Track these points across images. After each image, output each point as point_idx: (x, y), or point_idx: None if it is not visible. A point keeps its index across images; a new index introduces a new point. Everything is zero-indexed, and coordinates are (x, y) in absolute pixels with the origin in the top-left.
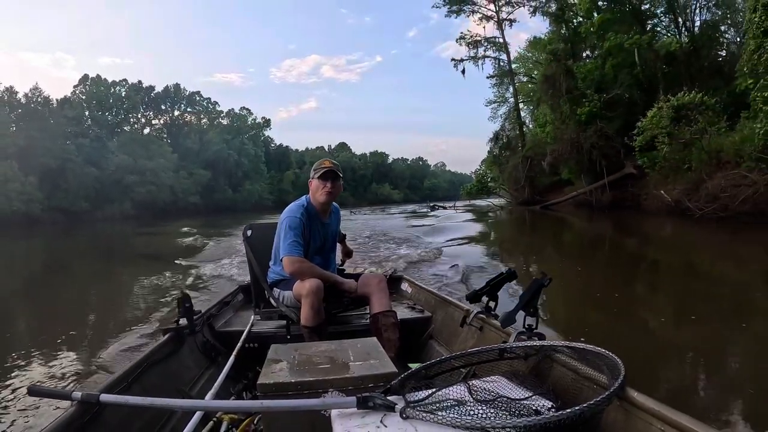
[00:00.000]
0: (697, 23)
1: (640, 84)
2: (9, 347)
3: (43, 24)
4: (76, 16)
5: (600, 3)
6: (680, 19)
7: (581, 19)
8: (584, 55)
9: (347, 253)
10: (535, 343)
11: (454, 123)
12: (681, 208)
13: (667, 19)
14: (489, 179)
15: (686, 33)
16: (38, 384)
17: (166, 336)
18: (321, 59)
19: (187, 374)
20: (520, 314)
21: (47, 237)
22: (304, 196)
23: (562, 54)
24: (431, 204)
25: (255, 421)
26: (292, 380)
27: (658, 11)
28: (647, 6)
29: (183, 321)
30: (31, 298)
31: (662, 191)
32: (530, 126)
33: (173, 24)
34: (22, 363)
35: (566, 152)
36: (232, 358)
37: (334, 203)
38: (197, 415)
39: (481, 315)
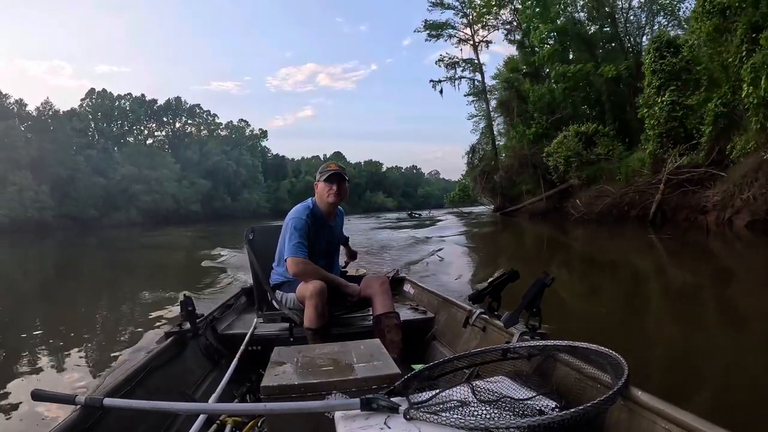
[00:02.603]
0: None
1: (600, 103)
2: (14, 350)
3: (41, 32)
4: (73, 24)
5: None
6: (627, 43)
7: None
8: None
9: (351, 256)
10: (538, 343)
11: (449, 131)
12: (589, 212)
13: (615, 45)
14: (471, 189)
15: (632, 56)
16: (42, 388)
17: (169, 339)
18: (317, 67)
19: (190, 377)
20: (524, 314)
21: (59, 242)
22: (310, 198)
23: (515, 82)
24: (409, 212)
25: (259, 424)
26: (296, 382)
27: (610, 33)
28: (605, 29)
29: (186, 324)
30: (38, 302)
31: (577, 200)
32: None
33: (170, 33)
34: (27, 367)
35: (516, 167)
36: (235, 361)
37: (339, 206)
38: (201, 418)
39: (484, 315)
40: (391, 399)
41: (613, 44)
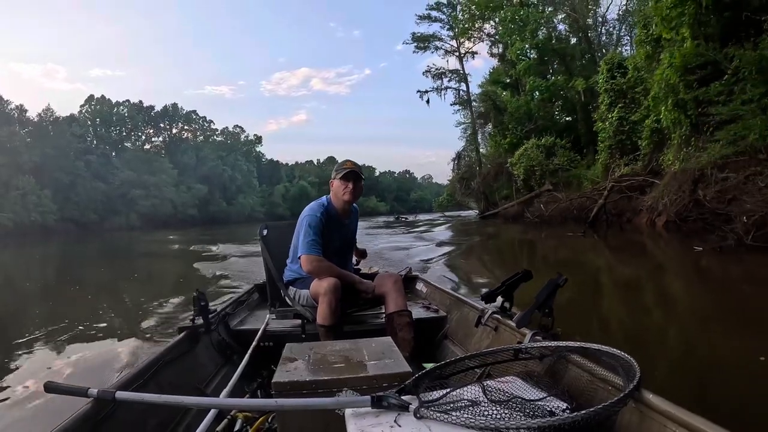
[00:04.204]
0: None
1: (575, 113)
2: (26, 344)
3: (36, 35)
4: (67, 28)
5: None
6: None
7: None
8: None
9: (360, 254)
10: (550, 344)
11: (443, 135)
12: (540, 216)
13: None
14: (457, 194)
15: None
16: (54, 380)
17: (182, 334)
18: (311, 72)
19: (202, 372)
20: (536, 315)
21: (62, 245)
22: (325, 196)
23: (492, 94)
24: (396, 216)
25: (269, 420)
26: (307, 379)
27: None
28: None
29: (198, 319)
30: (49, 299)
31: (541, 205)
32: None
33: (164, 37)
34: (39, 360)
35: (492, 175)
36: (247, 357)
37: (354, 204)
38: (212, 412)
39: (497, 315)
40: (402, 397)
41: (587, 57)
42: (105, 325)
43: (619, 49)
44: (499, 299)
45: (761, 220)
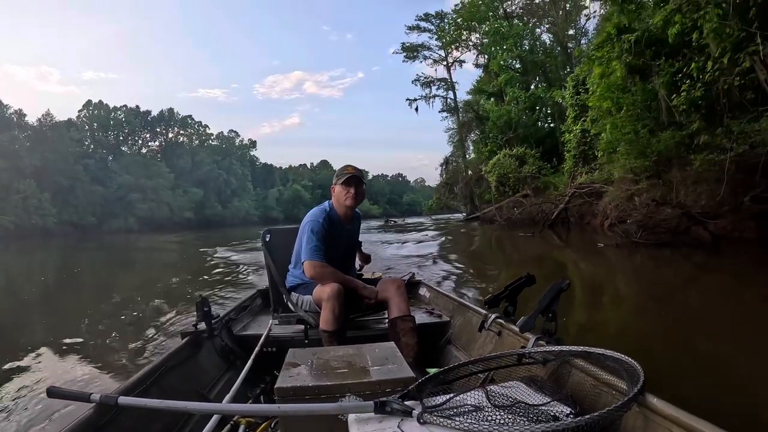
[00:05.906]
0: None
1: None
2: (29, 349)
3: (30, 38)
4: (61, 30)
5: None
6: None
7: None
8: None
9: (365, 259)
10: (553, 349)
11: (435, 139)
12: (508, 219)
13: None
14: (444, 198)
15: None
16: (57, 385)
17: (185, 339)
18: (304, 75)
19: (205, 378)
20: (540, 319)
21: (62, 248)
22: (327, 201)
23: (474, 105)
24: (386, 219)
25: (272, 425)
26: (310, 384)
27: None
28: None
29: (202, 325)
30: (51, 303)
31: (515, 208)
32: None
33: (158, 40)
34: (41, 365)
35: (474, 180)
36: (250, 362)
37: (356, 209)
38: (215, 418)
39: (500, 320)
40: (405, 402)
41: (567, 68)
42: (107, 329)
43: None
44: (503, 304)
45: (638, 223)
